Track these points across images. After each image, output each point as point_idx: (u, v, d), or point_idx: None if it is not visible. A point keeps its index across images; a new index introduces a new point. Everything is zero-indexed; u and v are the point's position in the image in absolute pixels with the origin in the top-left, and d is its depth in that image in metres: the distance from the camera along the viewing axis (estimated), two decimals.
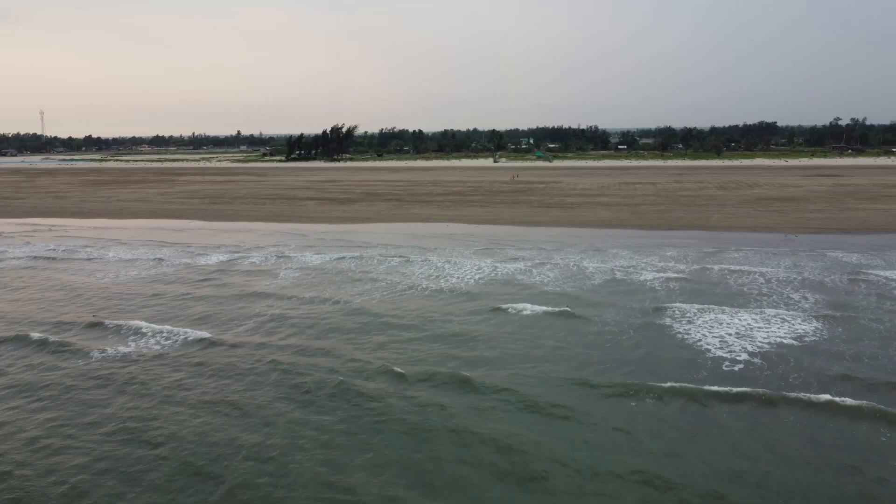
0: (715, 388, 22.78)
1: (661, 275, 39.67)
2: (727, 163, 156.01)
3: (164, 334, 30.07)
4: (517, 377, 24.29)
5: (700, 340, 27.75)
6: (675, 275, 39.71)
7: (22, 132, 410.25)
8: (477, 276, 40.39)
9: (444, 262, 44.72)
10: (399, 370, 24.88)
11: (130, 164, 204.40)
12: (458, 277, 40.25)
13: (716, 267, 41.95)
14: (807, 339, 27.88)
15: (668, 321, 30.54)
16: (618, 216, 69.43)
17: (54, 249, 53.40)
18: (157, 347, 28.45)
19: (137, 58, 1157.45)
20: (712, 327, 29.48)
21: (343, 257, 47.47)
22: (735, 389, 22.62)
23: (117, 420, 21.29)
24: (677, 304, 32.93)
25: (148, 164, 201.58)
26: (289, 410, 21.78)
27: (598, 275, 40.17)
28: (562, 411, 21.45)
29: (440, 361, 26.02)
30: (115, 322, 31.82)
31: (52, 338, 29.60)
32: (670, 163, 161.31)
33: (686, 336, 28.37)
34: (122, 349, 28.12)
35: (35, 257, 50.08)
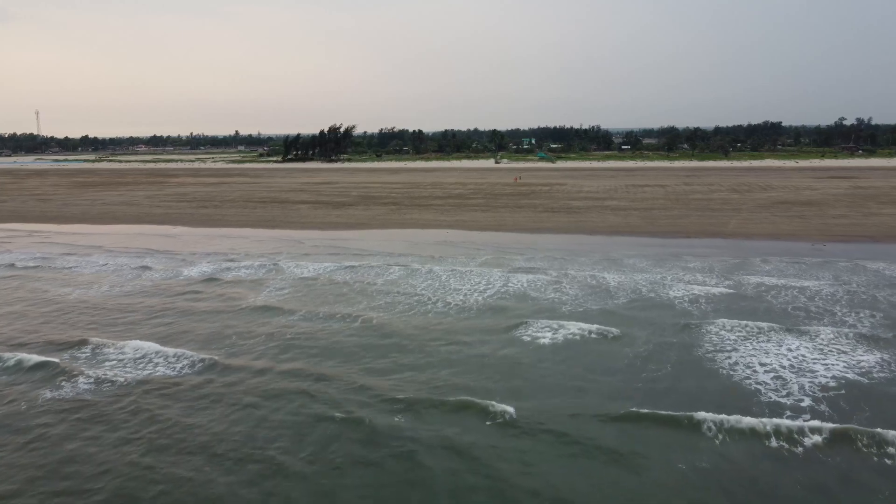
0: (783, 442, 18.80)
1: (691, 291, 35.56)
2: (736, 164, 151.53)
3: (149, 357, 26.92)
4: (555, 413, 20.96)
5: (750, 377, 23.61)
6: (707, 290, 35.63)
7: (19, 132, 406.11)
8: (487, 292, 36.37)
9: (450, 275, 40.70)
10: (419, 406, 21.66)
11: (123, 165, 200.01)
12: (466, 293, 36.36)
13: (749, 281, 37.85)
14: (875, 374, 23.76)
15: (709, 349, 26.50)
16: (628, 222, 65.36)
17: (32, 258, 50.12)
18: (142, 374, 25.13)
19: (137, 58, 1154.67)
20: (761, 358, 25.37)
21: (338, 268, 43.77)
22: (810, 443, 18.72)
23: (96, 479, 17.80)
24: (716, 329, 28.85)
25: (141, 165, 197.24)
26: (296, 465, 18.30)
27: (623, 291, 36.04)
28: (616, 460, 18.30)
29: (463, 394, 22.57)
30: (94, 341, 28.80)
31: (22, 361, 26.47)
32: (677, 164, 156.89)
33: (733, 371, 24.24)
34: (102, 375, 24.84)
35: (10, 265, 47.00)
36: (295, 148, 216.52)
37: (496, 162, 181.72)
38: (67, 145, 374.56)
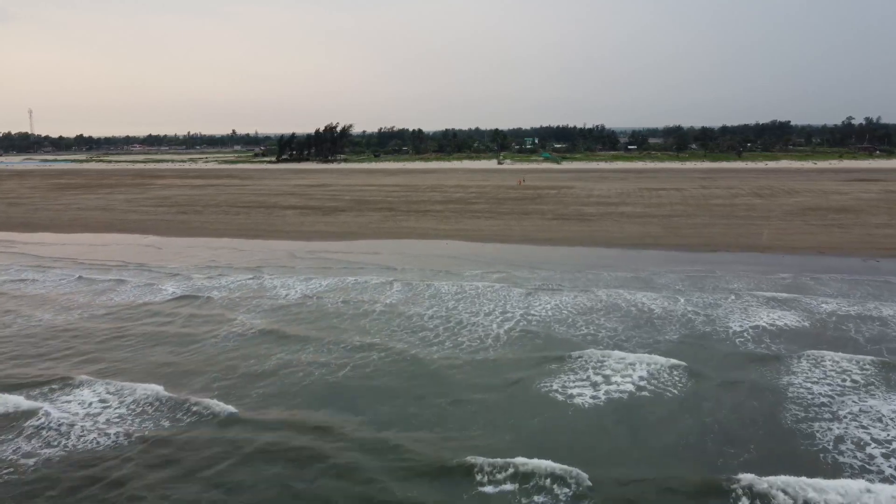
0: None
1: (753, 322, 29.18)
2: (751, 165, 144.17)
3: (115, 401, 22.26)
4: (635, 489, 16.01)
5: (868, 466, 17.16)
6: (770, 321, 29.30)
7: (14, 132, 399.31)
8: (507, 323, 30.13)
9: (458, 299, 34.72)
10: (454, 479, 16.81)
11: (111, 166, 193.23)
12: (483, 324, 30.17)
13: (815, 308, 31.43)
14: None
15: (801, 415, 20.22)
16: (648, 231, 58.77)
17: None
18: (111, 426, 20.47)
19: (137, 58, 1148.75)
20: (872, 430, 19.03)
21: (327, 289, 37.95)
22: None
23: None
24: (800, 381, 22.71)
25: (130, 166, 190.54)
26: None
27: (670, 321, 29.62)
28: None
29: (511, 457, 17.46)
30: (48, 381, 24.20)
31: None
32: (689, 165, 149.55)
33: (839, 454, 17.84)
34: (52, 433, 20.08)
35: None
36: (290, 148, 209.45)
37: (499, 163, 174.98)
38: (61, 145, 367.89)
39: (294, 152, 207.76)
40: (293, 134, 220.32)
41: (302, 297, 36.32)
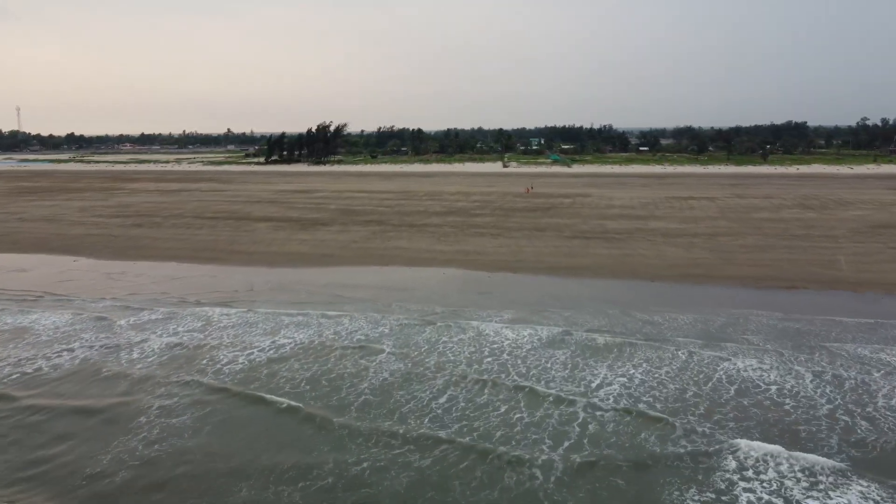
0: None
1: None
2: (780, 170, 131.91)
3: None
4: None
5: None
6: None
7: (5, 130, 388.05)
8: (565, 438, 19.67)
9: (479, 374, 25.04)
10: None
11: (91, 167, 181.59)
12: (526, 438, 19.70)
13: None
14: None
15: None
16: (694, 258, 47.34)
17: None
18: None
19: (137, 57, 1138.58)
20: None
21: (289, 355, 27.94)
22: None
23: None
24: None
25: (110, 167, 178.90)
26: None
27: (815, 426, 19.84)
28: None
29: None
30: None
31: None
32: (711, 169, 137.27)
33: None
34: None
35: None
36: (280, 148, 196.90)
37: (504, 165, 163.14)
38: (49, 143, 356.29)
39: (285, 153, 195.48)
40: (283, 133, 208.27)
41: (254, 364, 26.62)
